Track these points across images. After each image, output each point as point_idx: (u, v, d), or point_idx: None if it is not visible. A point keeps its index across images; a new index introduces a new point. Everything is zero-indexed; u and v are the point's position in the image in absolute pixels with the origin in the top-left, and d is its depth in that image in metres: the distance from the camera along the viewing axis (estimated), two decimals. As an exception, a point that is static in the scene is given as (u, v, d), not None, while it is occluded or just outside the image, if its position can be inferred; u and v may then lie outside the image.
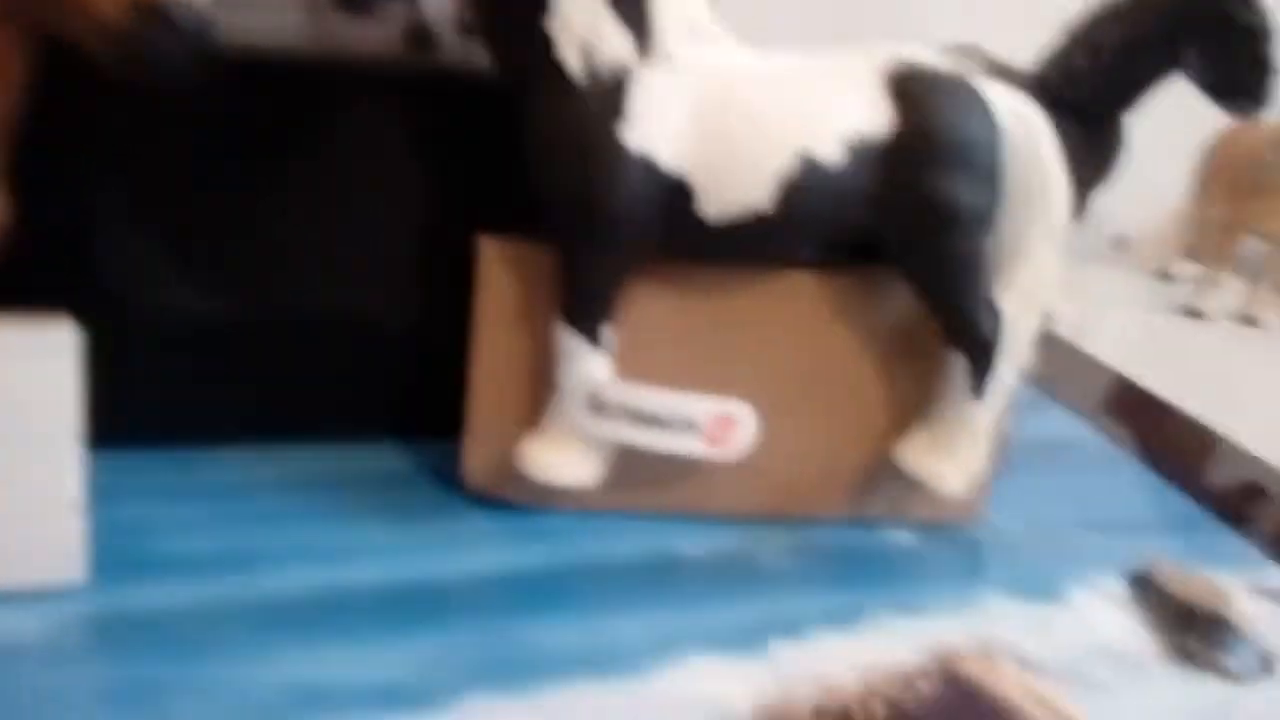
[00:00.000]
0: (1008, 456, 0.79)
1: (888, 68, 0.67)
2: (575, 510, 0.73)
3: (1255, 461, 1.03)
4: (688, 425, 0.68)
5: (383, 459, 0.78)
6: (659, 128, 0.62)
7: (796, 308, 0.71)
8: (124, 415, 0.63)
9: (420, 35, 0.73)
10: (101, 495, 0.60)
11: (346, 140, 0.70)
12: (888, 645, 0.66)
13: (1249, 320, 1.68)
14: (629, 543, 0.73)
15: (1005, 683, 0.57)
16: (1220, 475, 1.02)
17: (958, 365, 0.72)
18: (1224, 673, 0.69)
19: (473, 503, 0.73)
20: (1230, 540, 0.88)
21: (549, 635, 0.63)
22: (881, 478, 0.76)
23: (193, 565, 0.64)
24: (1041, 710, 0.55)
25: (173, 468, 0.72)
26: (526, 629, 0.63)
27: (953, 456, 0.73)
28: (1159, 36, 1.04)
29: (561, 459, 0.69)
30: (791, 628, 0.66)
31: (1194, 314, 1.68)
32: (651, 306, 0.69)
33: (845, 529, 0.78)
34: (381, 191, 0.72)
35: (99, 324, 0.57)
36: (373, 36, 0.71)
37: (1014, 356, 0.72)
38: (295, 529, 0.69)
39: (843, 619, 0.68)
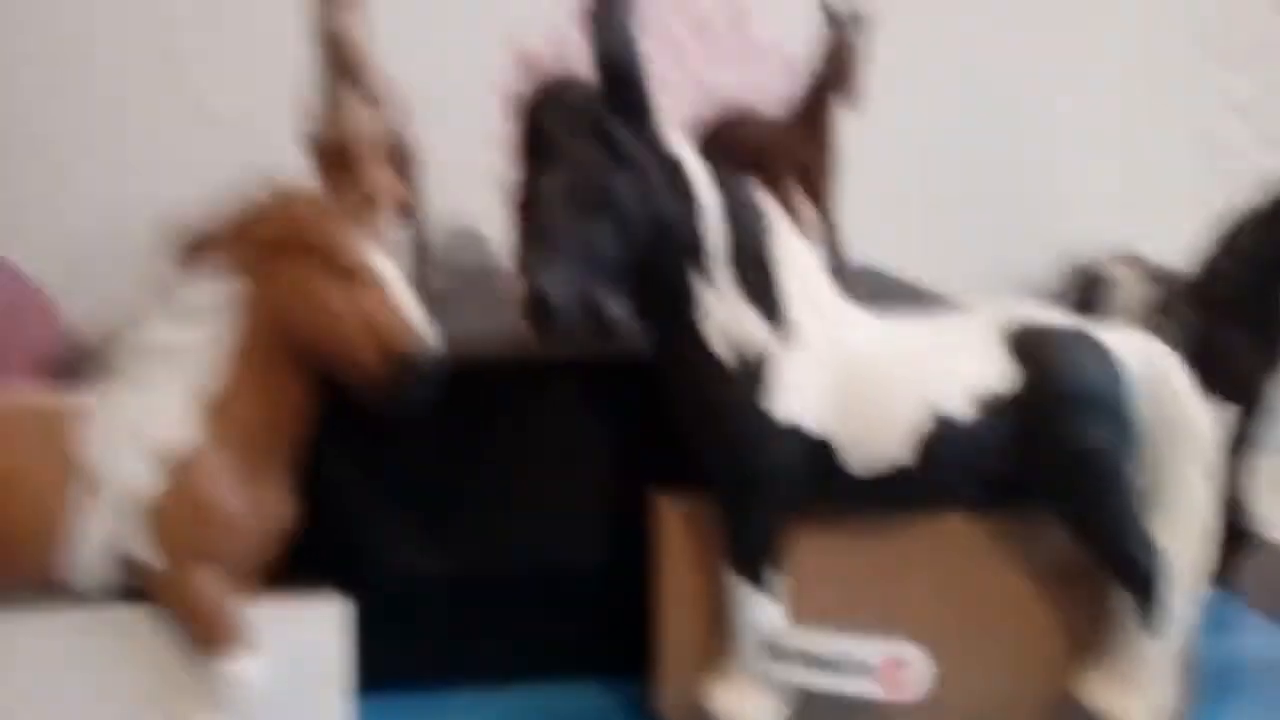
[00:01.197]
0: (1200, 683, 0.77)
1: (1006, 326, 0.72)
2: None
3: None
4: (862, 669, 0.72)
5: (587, 696, 0.86)
6: (800, 397, 0.70)
7: (956, 549, 0.75)
8: (378, 665, 0.75)
9: (607, 325, 0.87)
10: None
11: (541, 421, 0.83)
12: None
13: None
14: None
15: None
16: None
17: (1124, 600, 0.73)
18: None
19: (668, 739, 0.79)
20: None
21: None
22: (1068, 708, 0.76)
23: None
24: None
25: (418, 712, 0.83)
26: None
27: (1134, 691, 0.72)
28: None
29: (744, 700, 0.74)
30: None
31: None
32: (819, 553, 0.75)
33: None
34: (571, 462, 0.84)
35: (361, 593, 0.71)
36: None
37: (1181, 587, 0.72)
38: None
39: None
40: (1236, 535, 1.23)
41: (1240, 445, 1.22)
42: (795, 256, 0.73)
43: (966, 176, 1.48)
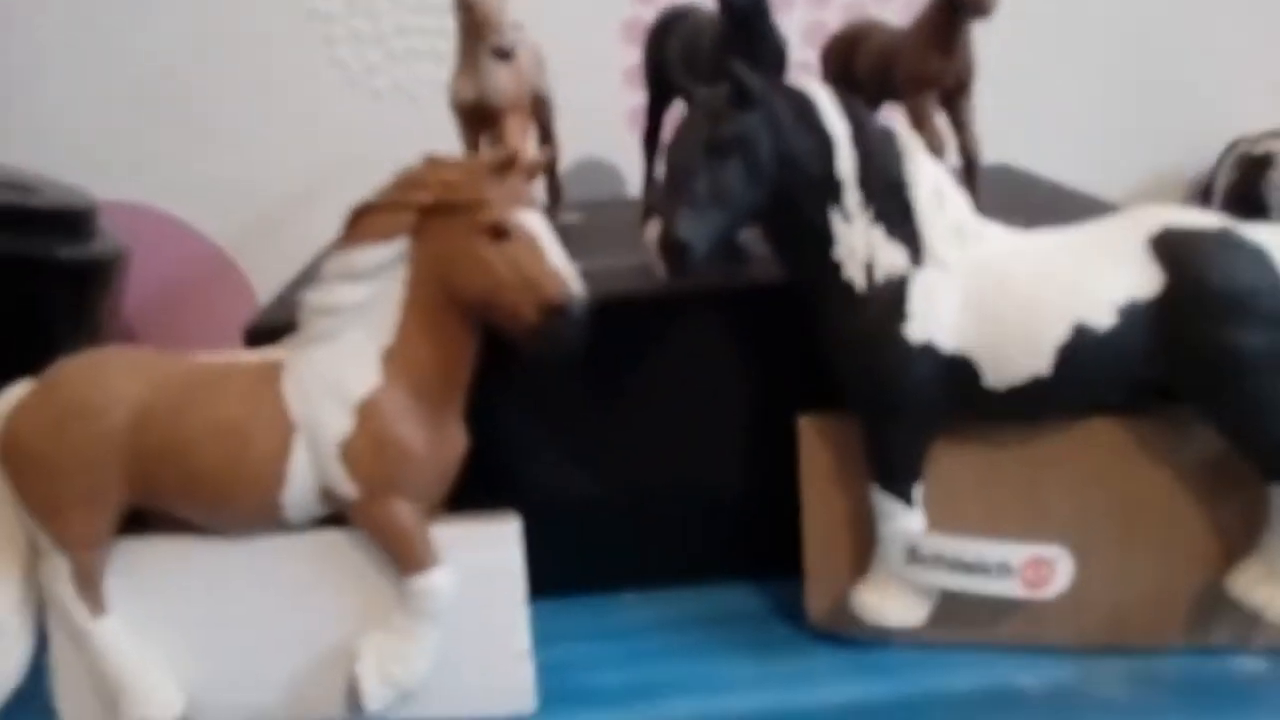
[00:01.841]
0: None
1: (1149, 230, 0.72)
2: (912, 645, 0.82)
3: None
4: (1003, 570, 0.75)
5: (742, 598, 0.92)
6: (936, 318, 0.72)
7: (1102, 450, 0.76)
8: (548, 574, 0.83)
9: (734, 253, 0.90)
10: (537, 639, 0.80)
11: (683, 349, 0.88)
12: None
13: None
14: (968, 676, 0.80)
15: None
16: None
17: (1276, 496, 0.72)
18: None
19: (817, 639, 0.85)
20: None
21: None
22: (1221, 605, 0.77)
23: (608, 696, 0.82)
24: None
25: (587, 614, 0.92)
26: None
27: None
28: None
29: (888, 603, 0.79)
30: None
31: None
32: (961, 460, 0.78)
33: (1186, 657, 0.79)
34: (717, 388, 0.88)
35: (529, 512, 0.78)
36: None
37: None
38: (680, 663, 0.85)
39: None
40: None
41: None
42: (928, 178, 0.74)
43: (1119, 66, 1.42)
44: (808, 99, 0.73)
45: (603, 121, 1.37)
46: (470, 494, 0.80)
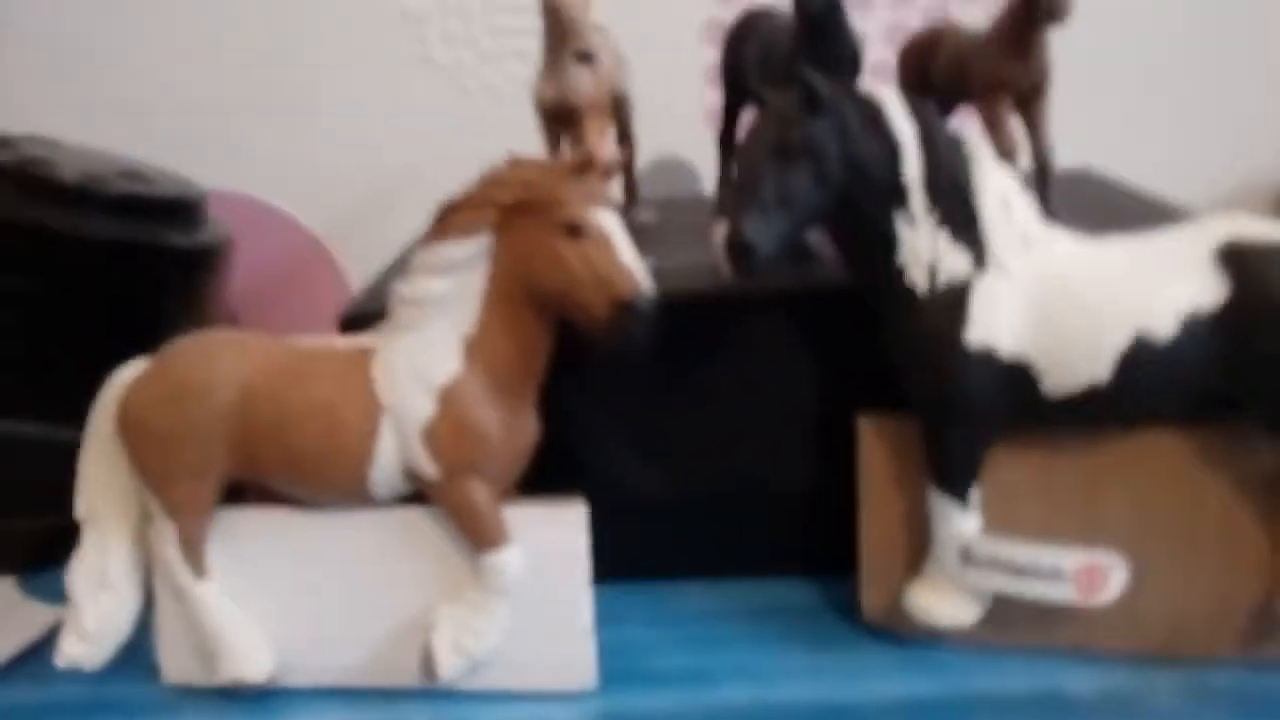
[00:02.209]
0: None
1: (1215, 240, 0.72)
2: (963, 645, 0.83)
3: None
4: (1055, 575, 0.76)
5: (798, 592, 0.95)
6: (998, 324, 0.74)
7: (1162, 460, 0.77)
8: (611, 560, 0.87)
9: (801, 254, 0.92)
10: (599, 621, 0.85)
11: (748, 348, 0.91)
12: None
13: None
14: (1019, 679, 0.81)
15: None
16: None
17: None
18: None
19: (871, 635, 0.87)
20: None
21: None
22: (1273, 617, 0.77)
23: (665, 678, 0.85)
24: None
25: (647, 600, 0.96)
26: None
27: None
28: None
29: (941, 603, 0.81)
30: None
31: None
32: (1020, 465, 0.79)
33: (1242, 669, 0.79)
34: (781, 388, 0.91)
35: (595, 500, 0.82)
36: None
37: None
38: (735, 651, 0.88)
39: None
40: None
41: None
42: (995, 184, 0.76)
43: (1201, 76, 1.40)
44: (876, 105, 0.75)
45: (682, 120, 1.40)
46: (542, 480, 0.84)
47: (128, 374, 0.85)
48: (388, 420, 0.78)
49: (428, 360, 0.78)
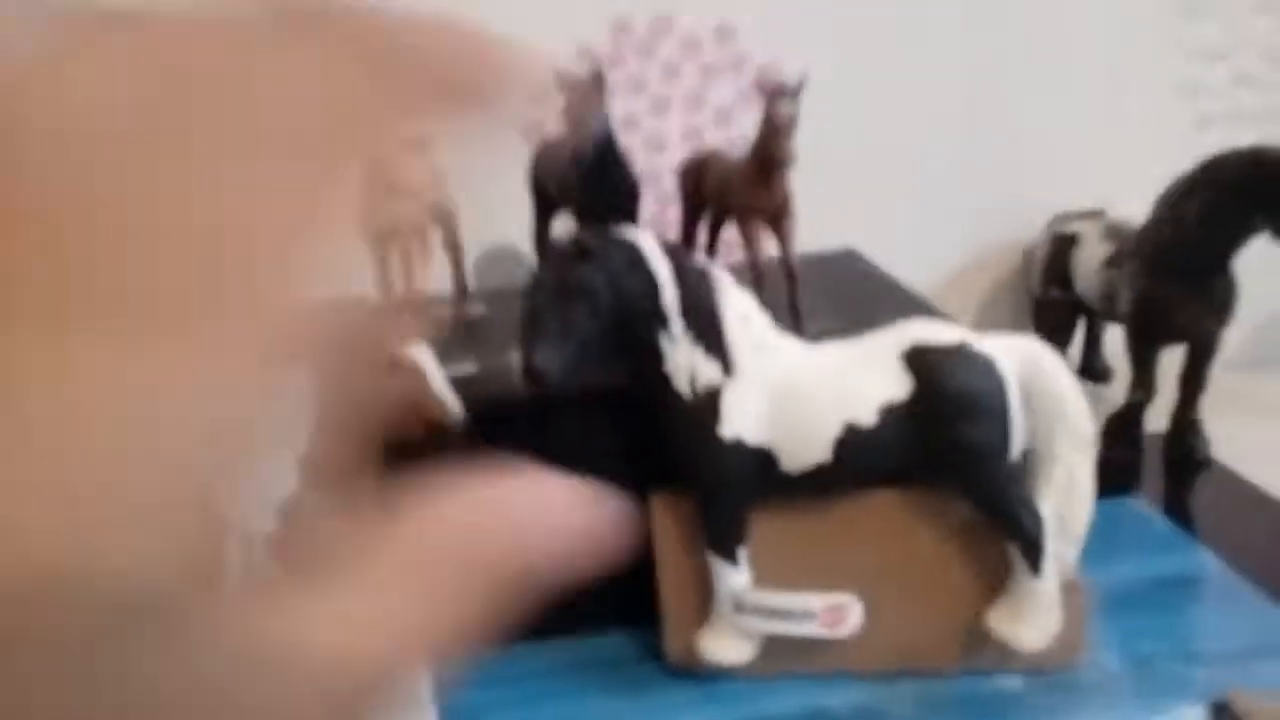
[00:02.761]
0: (1099, 602, 0.97)
1: (903, 345, 0.91)
2: (748, 676, 1.00)
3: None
4: (807, 615, 0.94)
5: (614, 644, 1.11)
6: (744, 420, 0.92)
7: (882, 518, 0.96)
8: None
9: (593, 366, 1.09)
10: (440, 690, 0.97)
11: (559, 440, 1.04)
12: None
13: None
14: (792, 700, 0.99)
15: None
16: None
17: (1016, 552, 0.92)
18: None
19: (675, 675, 1.04)
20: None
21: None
22: (985, 636, 0.97)
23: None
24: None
25: (484, 666, 1.09)
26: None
27: (1026, 621, 0.93)
28: (1233, 208, 1.17)
29: (723, 644, 0.98)
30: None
31: None
32: (774, 528, 0.97)
33: (962, 679, 0.99)
34: (590, 470, 1.06)
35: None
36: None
37: (1065, 539, 0.91)
38: (562, 703, 1.03)
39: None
40: (1191, 462, 1.41)
41: (1191, 381, 1.38)
42: (735, 304, 0.94)
43: (949, 147, 1.64)
44: (637, 248, 0.92)
45: (513, 209, 1.55)
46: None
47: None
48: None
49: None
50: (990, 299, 1.73)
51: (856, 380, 0.91)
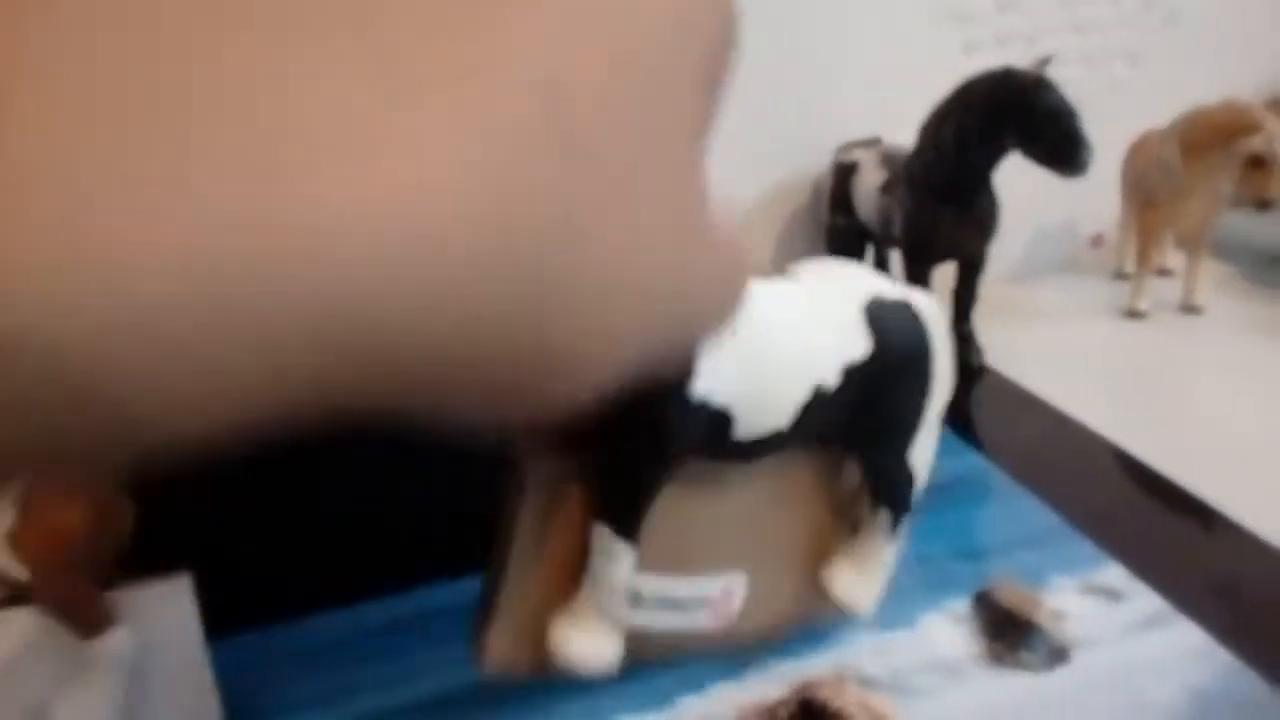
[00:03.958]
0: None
1: (863, 299, 0.79)
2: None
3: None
4: (701, 604, 0.79)
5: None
6: (715, 375, 0.72)
7: (769, 491, 0.82)
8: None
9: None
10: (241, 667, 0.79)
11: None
12: (768, 687, 0.84)
13: (1191, 310, 1.77)
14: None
15: (846, 698, 0.76)
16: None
17: (879, 515, 0.85)
18: (1023, 666, 0.85)
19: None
20: (1081, 546, 1.01)
21: None
22: (815, 597, 0.88)
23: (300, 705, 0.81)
24: (866, 714, 0.75)
25: (286, 638, 0.88)
26: None
27: (868, 581, 0.86)
28: (983, 129, 1.27)
29: (589, 641, 0.77)
30: (696, 685, 0.86)
31: (1133, 315, 1.77)
32: (664, 508, 0.78)
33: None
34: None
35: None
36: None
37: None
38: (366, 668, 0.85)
39: (734, 673, 0.87)
40: (968, 370, 1.49)
41: (962, 296, 1.48)
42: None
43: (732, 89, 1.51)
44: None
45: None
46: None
47: None
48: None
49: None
50: (787, 230, 1.69)
51: (826, 340, 0.76)
